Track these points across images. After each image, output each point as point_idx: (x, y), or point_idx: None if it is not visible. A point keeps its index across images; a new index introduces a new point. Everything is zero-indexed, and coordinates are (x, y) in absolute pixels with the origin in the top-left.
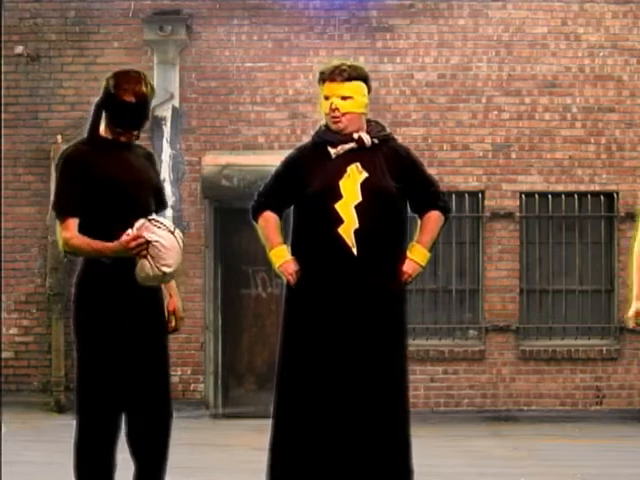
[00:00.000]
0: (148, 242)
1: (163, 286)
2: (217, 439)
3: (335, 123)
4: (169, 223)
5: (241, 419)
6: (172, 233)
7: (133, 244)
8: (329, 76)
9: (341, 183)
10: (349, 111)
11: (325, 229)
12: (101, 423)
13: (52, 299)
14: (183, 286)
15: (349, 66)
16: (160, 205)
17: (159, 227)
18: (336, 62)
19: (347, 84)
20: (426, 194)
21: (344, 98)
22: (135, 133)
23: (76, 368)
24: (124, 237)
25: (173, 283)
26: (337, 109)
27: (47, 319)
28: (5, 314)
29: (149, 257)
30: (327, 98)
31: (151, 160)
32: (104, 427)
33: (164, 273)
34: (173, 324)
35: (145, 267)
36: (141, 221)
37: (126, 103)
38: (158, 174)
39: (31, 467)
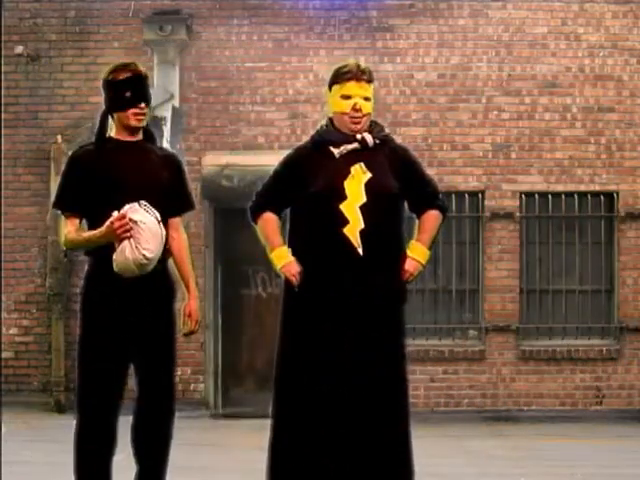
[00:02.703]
0: (134, 222)
1: (183, 287)
2: (217, 439)
3: (354, 124)
4: (157, 214)
5: (241, 419)
6: (159, 222)
7: (117, 224)
8: (355, 75)
9: (346, 183)
10: (368, 112)
11: (330, 229)
12: (101, 422)
13: (52, 299)
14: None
15: (368, 68)
16: (181, 206)
17: (147, 212)
18: (353, 62)
19: (370, 86)
20: (425, 194)
21: (366, 99)
22: (143, 106)
23: (77, 367)
24: (110, 218)
25: (194, 286)
26: (361, 109)
27: (47, 319)
28: (5, 314)
29: (131, 240)
30: (348, 97)
31: (169, 162)
32: (104, 426)
33: (144, 256)
34: (189, 326)
35: (125, 250)
36: (129, 205)
37: (121, 81)
38: (178, 175)
39: (31, 467)
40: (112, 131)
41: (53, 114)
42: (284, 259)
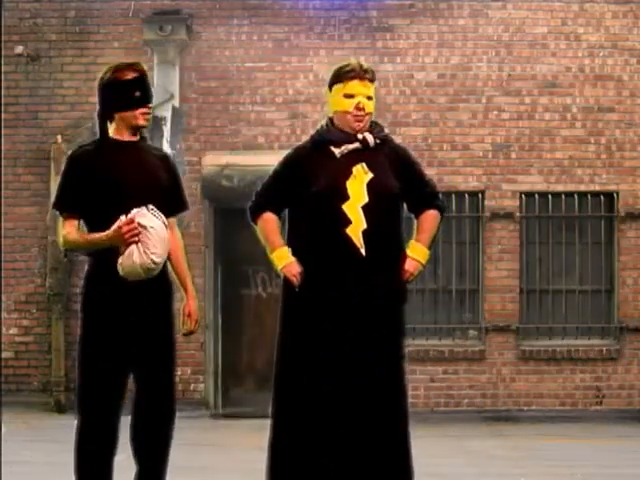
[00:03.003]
0: (143, 227)
1: (180, 288)
2: (217, 439)
3: (357, 122)
4: (164, 218)
5: (241, 419)
6: (166, 227)
7: (126, 228)
8: (359, 74)
9: (348, 183)
10: (371, 111)
11: (332, 230)
12: (102, 422)
13: (52, 299)
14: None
15: (370, 67)
16: (177, 206)
17: (155, 216)
18: (355, 61)
19: (372, 85)
20: (424, 194)
21: (369, 98)
22: (151, 106)
23: (78, 366)
24: (117, 222)
25: (191, 286)
26: (364, 108)
27: (47, 319)
28: (5, 314)
29: (139, 244)
30: (351, 96)
31: (165, 162)
32: (105, 426)
33: (152, 261)
34: (188, 326)
35: (133, 254)
36: (137, 209)
37: (130, 80)
38: (174, 175)
39: (31, 467)
40: (110, 130)
41: (53, 114)
42: (285, 260)
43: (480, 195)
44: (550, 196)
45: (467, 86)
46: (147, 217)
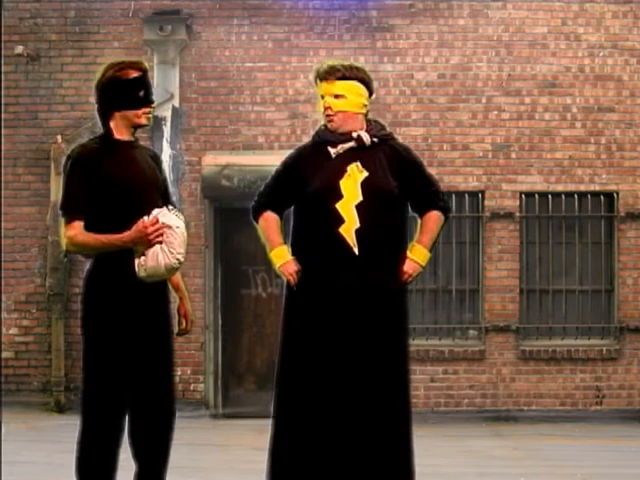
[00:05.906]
0: (168, 227)
1: (172, 289)
2: (217, 439)
3: (329, 122)
4: (183, 218)
5: (241, 419)
6: (186, 226)
7: (152, 229)
8: (323, 76)
9: (341, 183)
10: (341, 110)
11: (326, 229)
12: (106, 422)
13: (52, 299)
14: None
15: (343, 66)
16: (167, 205)
17: (177, 216)
18: (330, 62)
19: (339, 83)
20: (427, 194)
21: (337, 97)
22: (154, 105)
23: (82, 367)
24: (140, 222)
25: (183, 286)
26: (329, 107)
27: (47, 319)
28: (5, 314)
29: (164, 245)
30: (322, 97)
31: (157, 161)
32: (109, 426)
33: (178, 261)
34: (183, 326)
35: (158, 256)
36: (158, 209)
37: (134, 79)
38: (164, 175)
39: (31, 467)
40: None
41: (53, 114)
42: (282, 258)
43: (480, 195)
44: (550, 196)
45: (467, 86)
46: (170, 217)
